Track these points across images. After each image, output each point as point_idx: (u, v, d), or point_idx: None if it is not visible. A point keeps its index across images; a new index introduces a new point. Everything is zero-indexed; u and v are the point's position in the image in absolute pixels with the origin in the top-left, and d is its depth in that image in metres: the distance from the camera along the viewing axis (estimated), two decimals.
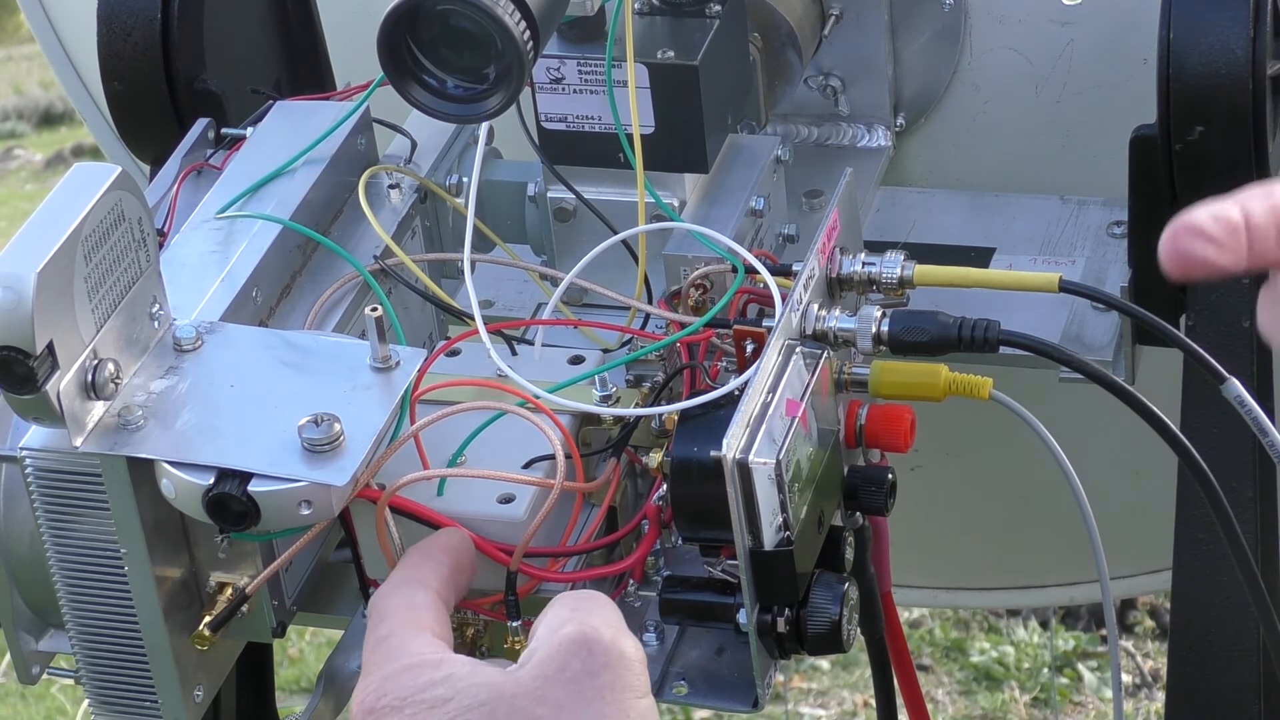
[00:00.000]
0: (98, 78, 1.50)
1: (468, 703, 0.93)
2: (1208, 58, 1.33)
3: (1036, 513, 1.97)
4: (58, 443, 1.13)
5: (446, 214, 1.43)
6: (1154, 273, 1.42)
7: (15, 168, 5.92)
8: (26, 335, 1.07)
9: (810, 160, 1.64)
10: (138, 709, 1.22)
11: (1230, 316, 1.37)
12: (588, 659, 0.94)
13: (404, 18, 1.18)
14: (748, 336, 1.20)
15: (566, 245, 1.42)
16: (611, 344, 1.32)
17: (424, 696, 0.94)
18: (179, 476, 1.11)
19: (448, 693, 0.94)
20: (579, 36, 1.37)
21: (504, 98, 1.20)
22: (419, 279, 1.34)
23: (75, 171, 1.14)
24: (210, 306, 1.25)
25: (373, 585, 1.22)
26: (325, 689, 1.27)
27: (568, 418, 1.23)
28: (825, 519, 1.18)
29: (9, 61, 6.65)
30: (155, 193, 1.39)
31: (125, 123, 1.51)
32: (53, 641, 1.29)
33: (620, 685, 0.93)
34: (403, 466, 1.17)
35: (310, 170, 1.35)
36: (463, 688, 0.94)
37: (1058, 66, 1.64)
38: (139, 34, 1.46)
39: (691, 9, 1.38)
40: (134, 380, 1.16)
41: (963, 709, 3.25)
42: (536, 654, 0.95)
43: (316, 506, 1.11)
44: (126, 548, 1.16)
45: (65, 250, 1.09)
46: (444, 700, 0.93)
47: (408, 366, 1.16)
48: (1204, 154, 1.34)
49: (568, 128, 1.38)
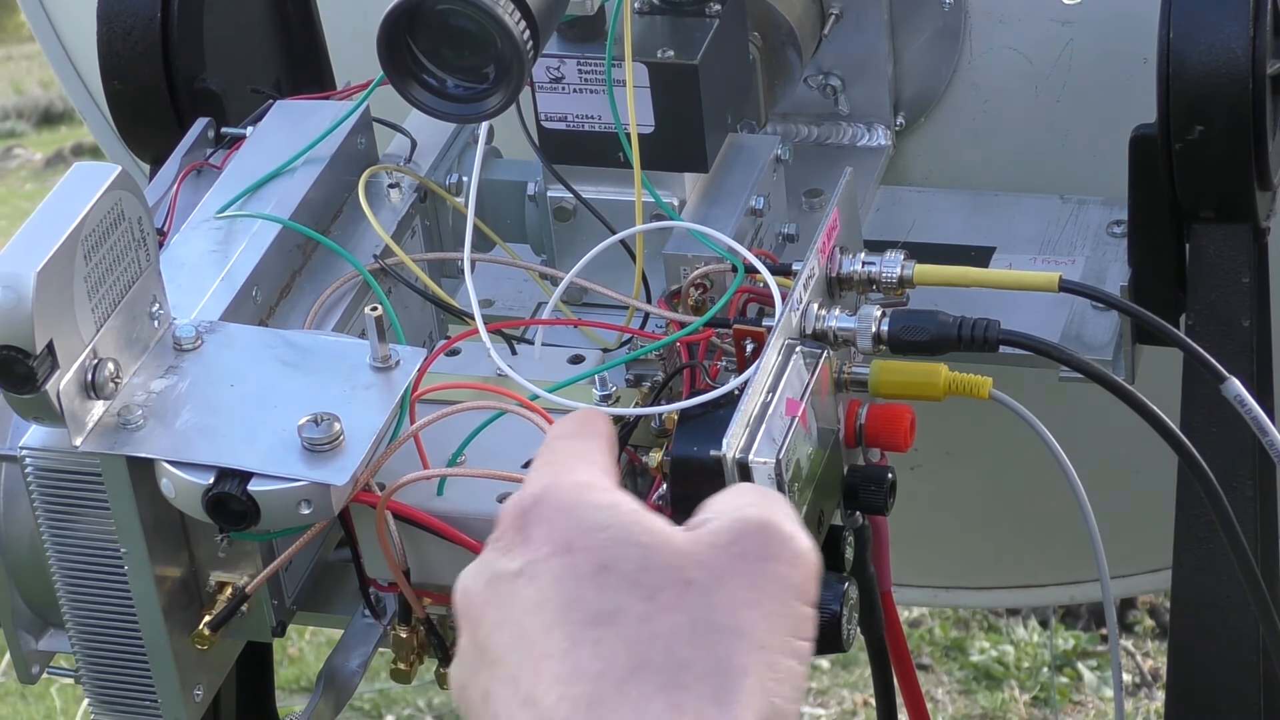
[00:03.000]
0: (98, 77, 1.50)
1: (624, 538, 0.84)
2: (1208, 58, 1.33)
3: (1036, 512, 1.97)
4: (58, 442, 1.13)
5: (446, 213, 1.43)
6: (1154, 272, 1.42)
7: (15, 167, 5.92)
8: (26, 335, 1.07)
9: (810, 160, 1.64)
10: (138, 708, 1.22)
11: (1230, 316, 1.37)
12: (764, 544, 0.85)
13: (404, 17, 1.18)
14: (747, 336, 1.20)
15: (566, 245, 1.42)
16: (611, 343, 1.32)
17: (582, 515, 0.85)
18: (179, 476, 1.11)
19: (607, 520, 0.85)
20: (579, 36, 1.37)
21: (504, 97, 1.20)
22: (419, 278, 1.34)
23: (75, 171, 1.14)
24: (210, 306, 1.25)
25: (373, 585, 1.22)
26: (325, 689, 1.27)
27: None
28: (825, 518, 1.18)
29: (9, 61, 6.65)
30: (155, 192, 1.39)
31: (125, 122, 1.51)
32: (53, 641, 1.29)
33: (788, 582, 0.84)
34: (403, 466, 1.17)
35: (310, 170, 1.35)
36: (625, 523, 0.85)
37: (1058, 66, 1.64)
38: (139, 33, 1.46)
39: (691, 9, 1.38)
40: (134, 380, 1.16)
41: (962, 708, 3.26)
42: (710, 524, 0.86)
43: (316, 506, 1.11)
44: (126, 547, 1.16)
45: (65, 250, 1.09)
46: (602, 527, 0.85)
47: (408, 366, 1.16)
48: (1204, 154, 1.34)
49: (567, 127, 1.38)
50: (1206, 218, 1.37)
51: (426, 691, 3.20)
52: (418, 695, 3.22)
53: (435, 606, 1.22)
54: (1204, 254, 1.38)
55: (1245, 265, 1.37)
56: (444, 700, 3.19)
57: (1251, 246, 1.37)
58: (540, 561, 0.83)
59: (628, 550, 0.83)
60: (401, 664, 1.23)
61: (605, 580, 0.82)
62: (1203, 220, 1.38)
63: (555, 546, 0.83)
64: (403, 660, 1.23)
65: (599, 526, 0.84)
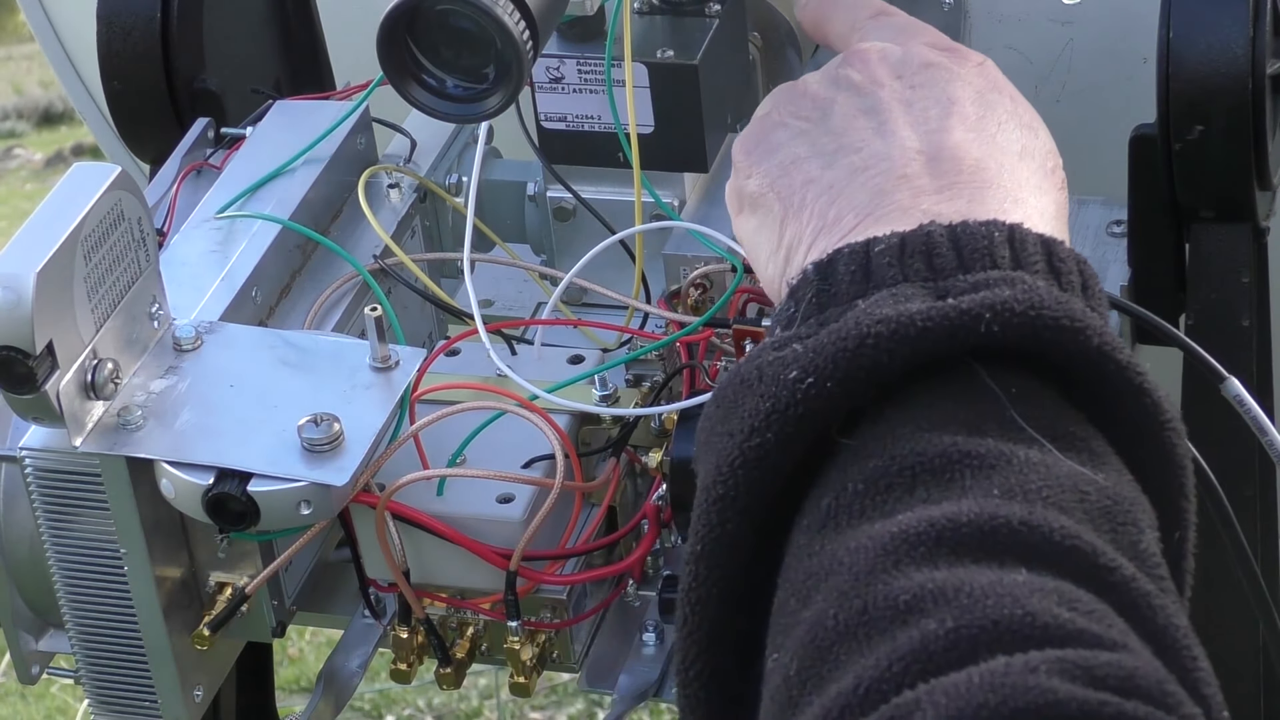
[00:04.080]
0: (98, 77, 1.50)
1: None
2: (1208, 57, 1.33)
3: None
4: (57, 443, 1.13)
5: (446, 213, 1.43)
6: (1154, 272, 1.42)
7: (15, 167, 5.92)
8: (26, 335, 1.07)
9: None
10: (138, 709, 1.22)
11: (1230, 316, 1.37)
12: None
13: (404, 17, 1.18)
14: (747, 336, 1.20)
15: (566, 245, 1.42)
16: (611, 343, 1.32)
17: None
18: (178, 476, 1.11)
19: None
20: (578, 36, 1.37)
21: (503, 97, 1.20)
22: (418, 279, 1.34)
23: (75, 171, 1.14)
24: (210, 306, 1.25)
25: (373, 585, 1.22)
26: (325, 689, 1.27)
27: (567, 417, 1.23)
28: None
29: (9, 61, 6.65)
30: (155, 192, 1.39)
31: (125, 122, 1.51)
32: (53, 641, 1.29)
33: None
34: (403, 466, 1.17)
35: (310, 170, 1.35)
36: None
37: (1058, 66, 1.64)
38: (139, 34, 1.46)
39: (691, 8, 1.38)
40: (134, 380, 1.16)
41: None
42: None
43: (316, 506, 1.11)
44: (126, 548, 1.16)
45: (65, 250, 1.09)
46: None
47: (407, 366, 1.16)
48: (1204, 154, 1.34)
49: (567, 127, 1.38)
50: (1206, 218, 1.37)
51: (426, 691, 3.19)
52: (418, 695, 3.22)
53: (435, 607, 1.22)
54: (1204, 254, 1.38)
55: (1245, 265, 1.37)
56: (444, 700, 3.19)
57: (1251, 246, 1.37)
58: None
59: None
60: (401, 664, 1.23)
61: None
62: (1202, 220, 1.38)
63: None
64: (403, 660, 1.23)
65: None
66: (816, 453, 0.78)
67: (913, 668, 0.67)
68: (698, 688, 0.78)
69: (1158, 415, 0.79)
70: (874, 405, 0.77)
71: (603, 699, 2.66)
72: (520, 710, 3.14)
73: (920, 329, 0.76)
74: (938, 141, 0.88)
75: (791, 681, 0.71)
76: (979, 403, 0.76)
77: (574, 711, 3.07)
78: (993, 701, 0.64)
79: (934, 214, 0.84)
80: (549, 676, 2.97)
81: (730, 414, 0.79)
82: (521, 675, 1.21)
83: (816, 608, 0.72)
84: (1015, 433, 0.76)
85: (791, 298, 0.82)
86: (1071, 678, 0.65)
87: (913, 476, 0.74)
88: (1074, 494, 0.74)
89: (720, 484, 0.77)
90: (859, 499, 0.75)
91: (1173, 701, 0.65)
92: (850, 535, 0.73)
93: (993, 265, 0.80)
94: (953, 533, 0.71)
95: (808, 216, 0.87)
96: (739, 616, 0.78)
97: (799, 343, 0.78)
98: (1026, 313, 0.77)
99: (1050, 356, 0.78)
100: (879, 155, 0.88)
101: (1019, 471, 0.74)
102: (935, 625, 0.68)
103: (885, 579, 0.70)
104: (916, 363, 0.77)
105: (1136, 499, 0.76)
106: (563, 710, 3.08)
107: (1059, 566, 0.71)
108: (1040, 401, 0.77)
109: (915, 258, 0.80)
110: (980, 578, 0.69)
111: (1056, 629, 0.67)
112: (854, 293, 0.80)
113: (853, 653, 0.69)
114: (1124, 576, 0.71)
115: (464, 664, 1.23)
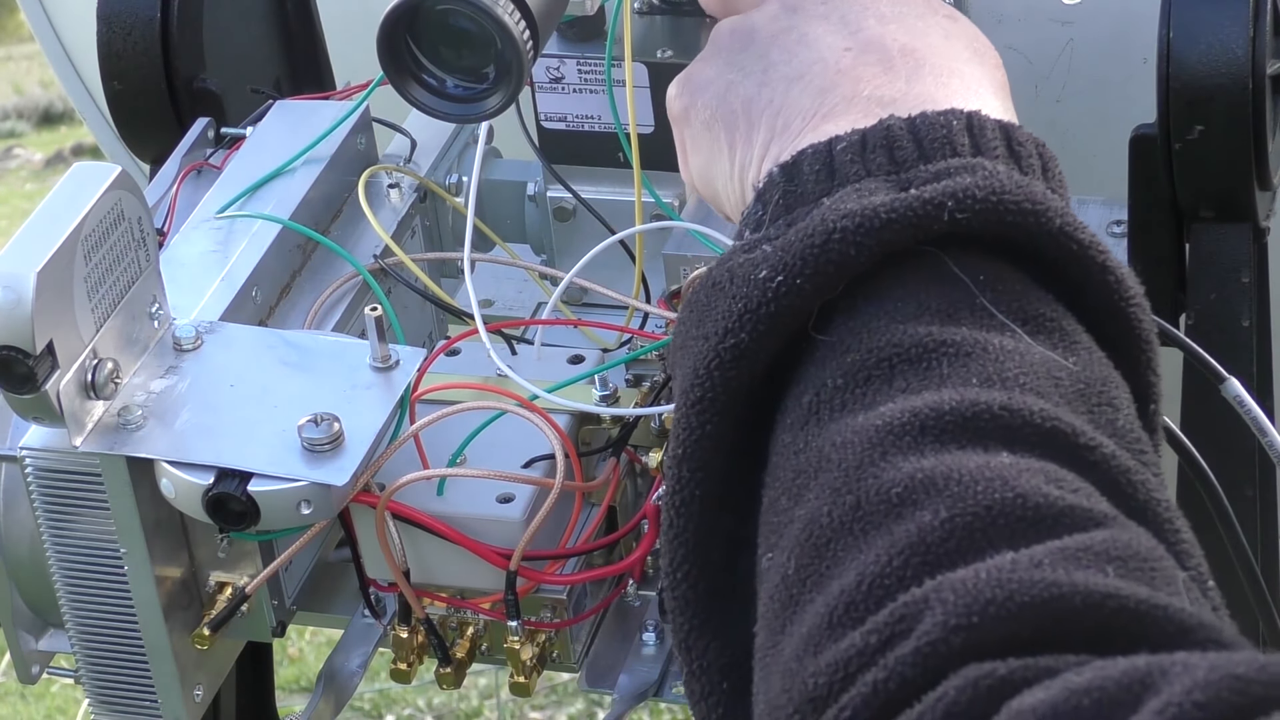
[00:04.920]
0: (98, 77, 1.50)
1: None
2: (1207, 57, 1.33)
3: None
4: (58, 442, 1.13)
5: (446, 213, 1.43)
6: (1154, 272, 1.42)
7: (15, 167, 5.92)
8: (26, 335, 1.07)
9: None
10: (138, 709, 1.22)
11: (1230, 316, 1.37)
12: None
13: (404, 17, 1.18)
14: None
15: (566, 244, 1.42)
16: (611, 344, 1.32)
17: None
18: (179, 476, 1.11)
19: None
20: (578, 36, 1.37)
21: (504, 97, 1.20)
22: (418, 278, 1.34)
23: (75, 171, 1.14)
24: (210, 306, 1.25)
25: (373, 585, 1.22)
26: (325, 689, 1.27)
27: (567, 417, 1.23)
28: None
29: (9, 61, 6.65)
30: (155, 192, 1.39)
31: (125, 122, 1.51)
32: (53, 641, 1.29)
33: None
34: (403, 466, 1.17)
35: (310, 170, 1.35)
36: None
37: (1058, 66, 1.64)
38: (139, 33, 1.46)
39: (691, 9, 1.38)
40: (134, 380, 1.16)
41: None
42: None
43: (316, 506, 1.11)
44: (126, 547, 1.16)
45: (65, 250, 1.09)
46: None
47: (407, 366, 1.16)
48: (1204, 154, 1.34)
49: (567, 127, 1.38)
50: (1206, 217, 1.37)
51: (426, 691, 3.19)
52: (418, 695, 3.22)
53: (435, 606, 1.22)
54: (1204, 254, 1.38)
55: (1245, 265, 1.37)
56: (444, 700, 3.19)
57: (1251, 246, 1.37)
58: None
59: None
60: (401, 664, 1.23)
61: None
62: (1203, 220, 1.38)
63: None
64: (403, 660, 1.23)
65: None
66: (794, 351, 0.79)
67: (913, 560, 0.68)
68: (686, 588, 0.79)
69: (1121, 291, 0.80)
70: (847, 300, 0.78)
71: (603, 699, 2.66)
72: (520, 710, 3.14)
73: (885, 220, 0.77)
74: (863, 38, 0.89)
75: (790, 580, 0.71)
76: (950, 291, 0.78)
77: (574, 711, 3.07)
78: (1000, 597, 0.65)
79: (877, 99, 0.85)
80: (549, 676, 2.97)
81: (704, 318, 0.80)
82: (521, 675, 1.21)
83: (810, 505, 0.73)
84: (987, 319, 0.77)
85: (759, 200, 0.83)
86: (1077, 564, 0.66)
87: (890, 368, 0.76)
88: (1049, 379, 0.75)
89: (698, 387, 0.78)
90: (839, 393, 0.76)
91: (1168, 574, 0.68)
92: (835, 430, 0.74)
93: (953, 153, 0.81)
94: (935, 421, 0.72)
95: (756, 133, 0.89)
96: (724, 516, 0.79)
97: (768, 243, 0.79)
98: (988, 198, 0.78)
99: (1015, 240, 0.79)
100: (809, 61, 0.89)
101: (995, 359, 0.75)
102: (930, 516, 0.69)
103: (875, 471, 0.72)
104: (884, 255, 0.78)
105: (1109, 377, 0.78)
106: (563, 710, 3.08)
107: (1042, 448, 0.72)
108: (1009, 286, 0.78)
109: (877, 152, 0.81)
110: (967, 462, 0.70)
111: (1048, 508, 0.69)
112: (819, 191, 0.81)
113: (851, 549, 0.70)
114: (1104, 454, 0.73)
115: (464, 664, 1.24)
